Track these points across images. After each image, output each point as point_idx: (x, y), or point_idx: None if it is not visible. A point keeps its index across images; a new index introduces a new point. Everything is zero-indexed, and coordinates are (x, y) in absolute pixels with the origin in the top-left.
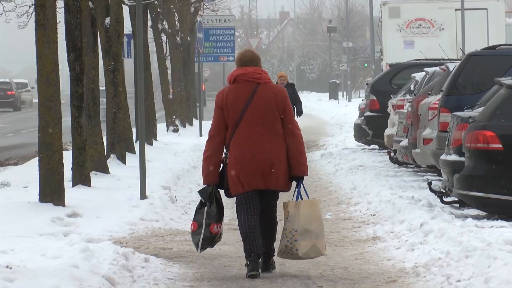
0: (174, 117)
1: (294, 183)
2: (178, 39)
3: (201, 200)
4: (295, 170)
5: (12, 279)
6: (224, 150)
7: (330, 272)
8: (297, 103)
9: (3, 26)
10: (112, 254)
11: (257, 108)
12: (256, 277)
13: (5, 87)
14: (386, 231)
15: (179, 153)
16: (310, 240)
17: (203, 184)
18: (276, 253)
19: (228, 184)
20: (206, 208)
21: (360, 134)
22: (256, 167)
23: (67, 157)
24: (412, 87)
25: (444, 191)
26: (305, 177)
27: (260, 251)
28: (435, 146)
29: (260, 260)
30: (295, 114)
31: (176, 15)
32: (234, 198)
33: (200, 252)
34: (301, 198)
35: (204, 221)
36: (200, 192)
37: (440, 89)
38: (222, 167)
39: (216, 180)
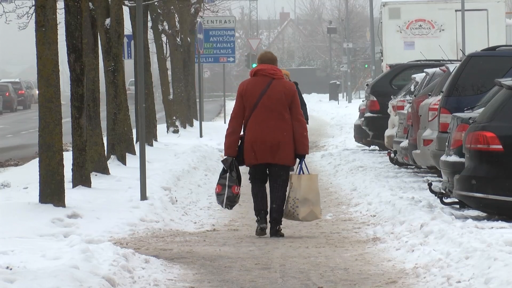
0: (174, 118)
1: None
2: (178, 40)
3: (223, 168)
4: (298, 149)
5: (12, 280)
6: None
7: (330, 273)
8: (301, 105)
9: (4, 27)
10: (112, 255)
11: (269, 97)
12: (265, 232)
13: (16, 86)
14: (386, 232)
15: (179, 154)
16: (308, 207)
17: (225, 155)
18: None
19: (243, 156)
20: (228, 174)
21: (360, 135)
22: (266, 144)
23: (67, 158)
24: (412, 88)
25: (444, 192)
26: None
27: (267, 208)
28: (435, 147)
29: (269, 227)
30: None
31: (176, 16)
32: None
33: (224, 207)
34: (303, 173)
35: (227, 183)
36: (223, 161)
37: (440, 90)
38: (240, 143)
39: (235, 152)
